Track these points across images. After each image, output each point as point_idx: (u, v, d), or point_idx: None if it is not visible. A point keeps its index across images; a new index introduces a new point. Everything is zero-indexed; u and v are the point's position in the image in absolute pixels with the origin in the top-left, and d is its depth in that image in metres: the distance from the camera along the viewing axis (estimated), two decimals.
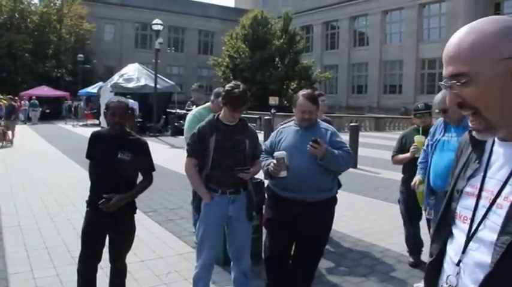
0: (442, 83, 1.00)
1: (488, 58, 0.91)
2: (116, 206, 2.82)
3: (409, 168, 4.17)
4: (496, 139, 1.01)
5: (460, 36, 0.96)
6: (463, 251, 0.97)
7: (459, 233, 1.02)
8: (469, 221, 0.98)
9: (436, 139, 3.26)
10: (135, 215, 3.10)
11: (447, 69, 0.97)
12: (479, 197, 0.98)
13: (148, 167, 3.07)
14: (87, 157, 3.06)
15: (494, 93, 0.91)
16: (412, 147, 4.00)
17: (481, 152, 1.04)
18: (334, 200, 3.17)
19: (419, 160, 3.73)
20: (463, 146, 1.16)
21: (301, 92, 3.20)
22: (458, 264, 0.98)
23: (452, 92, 0.97)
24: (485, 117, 0.93)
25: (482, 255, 0.92)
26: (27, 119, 25.10)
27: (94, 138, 3.04)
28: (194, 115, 4.34)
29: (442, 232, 1.10)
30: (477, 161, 1.04)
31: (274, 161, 2.96)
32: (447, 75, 0.97)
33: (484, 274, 0.90)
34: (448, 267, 1.03)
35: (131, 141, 2.99)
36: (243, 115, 3.11)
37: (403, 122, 27.84)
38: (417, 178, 3.57)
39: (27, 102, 25.91)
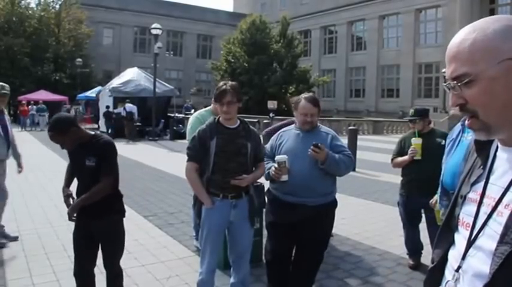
0: (445, 84, 0.98)
1: (490, 58, 0.89)
2: (72, 212, 2.83)
3: (408, 171, 4.21)
4: (499, 144, 0.99)
5: (462, 36, 0.94)
6: (463, 258, 0.96)
7: (460, 239, 1.01)
8: (470, 227, 0.97)
9: (452, 139, 3.19)
10: (135, 220, 3.10)
11: (449, 69, 0.95)
12: (480, 203, 0.97)
13: (105, 168, 2.81)
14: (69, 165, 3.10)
15: (495, 94, 0.89)
16: (410, 149, 4.05)
17: (486, 157, 1.02)
18: (334, 204, 3.18)
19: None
20: (470, 149, 1.13)
21: (303, 95, 3.23)
22: (457, 270, 0.97)
23: (455, 93, 0.94)
24: (483, 120, 0.92)
25: (480, 263, 0.91)
26: (36, 124, 24.48)
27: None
28: (197, 117, 4.33)
29: (445, 238, 1.09)
30: (481, 167, 1.02)
31: (275, 165, 2.96)
32: (449, 76, 0.95)
33: (482, 282, 0.88)
34: (449, 273, 1.02)
35: (95, 145, 2.85)
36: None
37: (401, 126, 27.95)
38: (436, 197, 3.44)
39: (34, 107, 25.23)
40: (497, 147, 1.00)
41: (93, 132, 2.98)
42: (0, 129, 4.86)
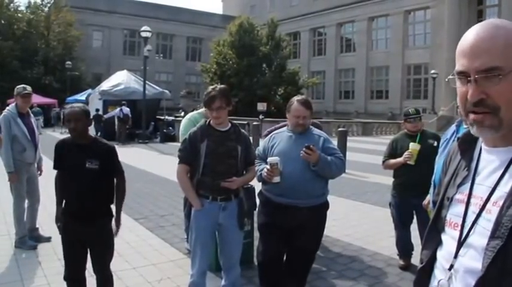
0: (460, 76, 0.96)
1: None
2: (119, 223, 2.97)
3: (400, 173, 4.18)
4: (483, 147, 1.02)
5: (490, 30, 0.93)
6: (455, 256, 0.99)
7: (449, 239, 1.03)
8: (459, 227, 1.00)
9: (446, 139, 3.20)
10: (126, 222, 3.11)
11: (476, 62, 0.92)
12: (468, 203, 0.99)
13: (117, 171, 3.06)
14: (55, 167, 3.03)
15: None
16: (406, 153, 3.98)
17: (470, 159, 1.05)
18: (326, 206, 3.21)
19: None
20: (452, 153, 1.16)
21: (296, 98, 3.24)
22: (450, 269, 0.99)
23: (479, 86, 0.92)
24: (501, 117, 0.92)
25: (473, 260, 0.93)
26: None
27: (60, 149, 2.98)
28: (189, 119, 4.34)
29: (433, 238, 1.11)
30: (466, 169, 1.05)
31: (268, 166, 2.99)
32: (477, 68, 0.92)
33: (474, 278, 0.90)
34: (439, 272, 1.04)
35: (98, 148, 2.91)
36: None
37: (390, 127, 28.20)
38: (428, 197, 3.44)
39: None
40: (480, 149, 1.04)
41: (93, 136, 3.03)
42: (27, 132, 4.79)
